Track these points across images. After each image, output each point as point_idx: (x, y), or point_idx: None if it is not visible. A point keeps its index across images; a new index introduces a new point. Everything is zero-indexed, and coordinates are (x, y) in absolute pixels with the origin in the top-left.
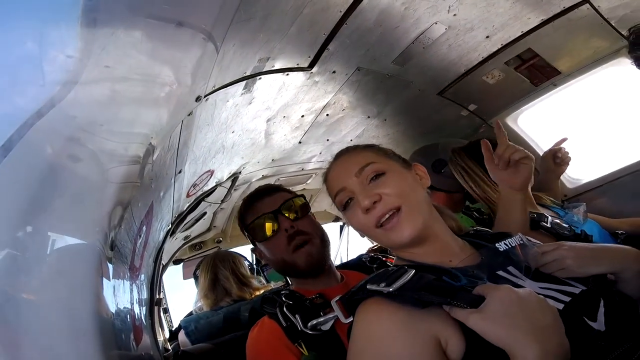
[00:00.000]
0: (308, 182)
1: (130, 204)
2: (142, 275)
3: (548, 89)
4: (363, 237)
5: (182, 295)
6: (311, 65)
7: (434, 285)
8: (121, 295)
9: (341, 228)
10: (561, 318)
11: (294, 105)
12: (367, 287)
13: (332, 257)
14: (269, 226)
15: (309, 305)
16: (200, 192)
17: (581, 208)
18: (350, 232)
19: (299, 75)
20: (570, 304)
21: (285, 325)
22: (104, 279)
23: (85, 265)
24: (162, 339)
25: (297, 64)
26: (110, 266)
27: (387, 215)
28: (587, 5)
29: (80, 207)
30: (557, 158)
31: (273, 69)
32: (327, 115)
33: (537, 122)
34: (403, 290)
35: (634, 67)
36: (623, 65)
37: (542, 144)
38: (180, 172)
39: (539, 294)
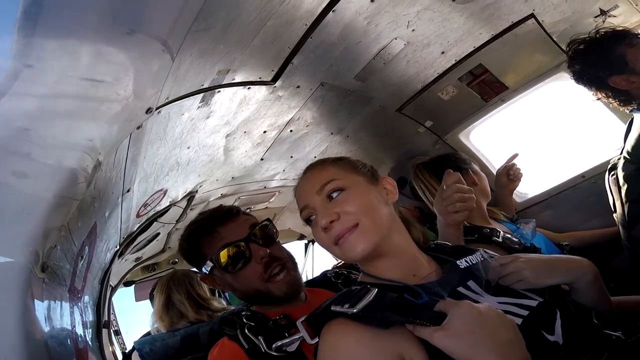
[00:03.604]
0: (271, 200)
1: (68, 224)
2: (86, 297)
3: (497, 105)
4: None
5: (138, 317)
6: (274, 79)
7: (397, 304)
8: (57, 317)
9: (306, 246)
10: (520, 333)
11: (255, 121)
12: (332, 308)
13: None
14: (238, 255)
15: (272, 326)
16: (152, 212)
17: (531, 224)
18: (316, 249)
19: (262, 90)
20: (528, 318)
21: (248, 347)
22: (35, 300)
23: (9, 285)
24: None
25: (260, 78)
26: (42, 287)
27: (345, 234)
28: (533, 20)
29: (4, 224)
30: (510, 174)
31: (233, 81)
32: (291, 131)
33: (488, 138)
34: (367, 311)
35: (573, 81)
36: (564, 80)
37: (492, 160)
38: (128, 190)
39: (498, 309)
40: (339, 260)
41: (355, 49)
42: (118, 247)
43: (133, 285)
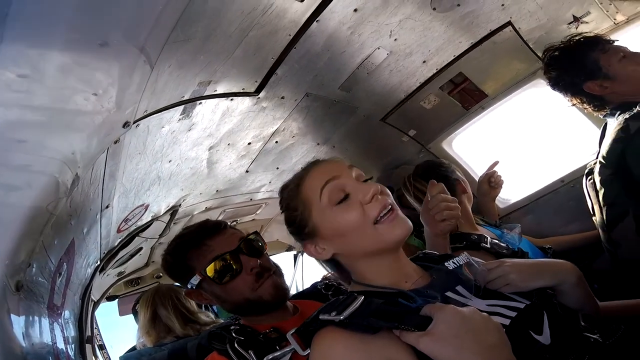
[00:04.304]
0: (258, 212)
1: (43, 241)
2: (66, 313)
3: (477, 112)
4: (325, 257)
5: (123, 331)
6: (258, 90)
7: (383, 310)
8: (36, 334)
9: (295, 257)
10: (508, 333)
11: (239, 132)
12: (320, 317)
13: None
14: (228, 267)
15: (262, 339)
16: (133, 227)
17: (517, 229)
18: (305, 260)
19: (245, 101)
20: (517, 319)
21: None
22: (12, 316)
23: None
24: None
25: (243, 89)
26: (18, 303)
27: (385, 210)
28: (510, 27)
29: None
30: (491, 182)
31: (215, 93)
32: (277, 142)
33: (470, 146)
34: (353, 317)
35: (549, 87)
36: (540, 86)
37: (475, 167)
38: (107, 207)
39: (486, 311)
40: (329, 271)
41: (340, 58)
42: (99, 263)
43: (116, 300)
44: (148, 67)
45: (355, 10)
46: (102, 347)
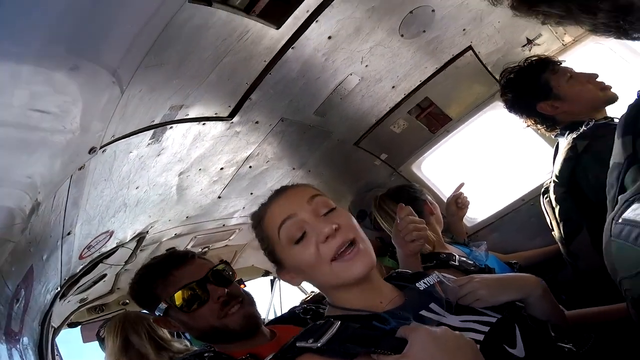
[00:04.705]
0: (231, 238)
1: (1, 268)
2: (25, 339)
3: (443, 135)
4: (297, 285)
5: (87, 358)
6: (232, 115)
7: (359, 335)
8: None
9: (272, 282)
10: (483, 348)
11: (211, 157)
12: (297, 344)
13: (265, 312)
14: (194, 294)
15: None
16: (97, 254)
17: (483, 246)
18: (282, 285)
19: (218, 125)
20: (490, 333)
21: None
22: None
23: None
24: None
25: (216, 113)
26: None
27: (343, 248)
28: (471, 51)
29: None
30: (458, 203)
31: (187, 117)
32: (250, 167)
33: (438, 168)
34: (330, 344)
35: (506, 109)
36: (499, 109)
37: (443, 189)
38: (69, 233)
39: (460, 327)
40: (308, 294)
41: (314, 84)
42: (59, 289)
43: (79, 327)
44: (118, 91)
45: (330, 37)
46: None
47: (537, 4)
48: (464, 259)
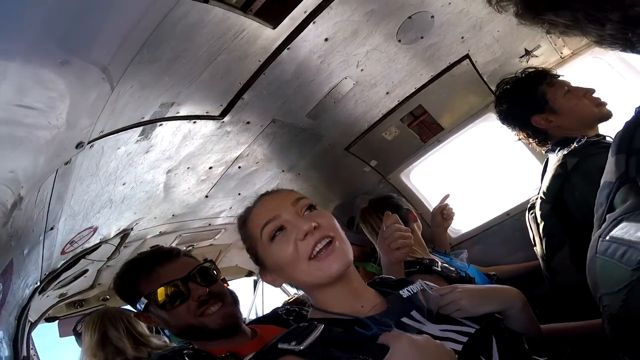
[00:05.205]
0: (216, 237)
1: None
2: (0, 333)
3: (434, 145)
4: (278, 286)
5: (63, 353)
6: (223, 114)
7: (342, 340)
8: None
9: (255, 282)
10: (460, 358)
11: (200, 156)
12: (279, 346)
13: (246, 313)
14: (175, 293)
15: None
16: (79, 250)
17: (463, 255)
18: (265, 286)
19: (208, 124)
20: (468, 344)
21: None
22: None
23: None
24: None
25: (207, 112)
26: None
27: (322, 244)
28: (467, 60)
29: None
30: (444, 214)
31: (177, 115)
32: (240, 167)
33: (426, 177)
34: (313, 347)
35: (499, 121)
36: (491, 120)
37: (430, 199)
38: (52, 228)
39: (439, 336)
40: (291, 296)
41: (308, 86)
42: (38, 284)
43: (57, 321)
44: (108, 88)
45: (326, 39)
46: None
47: (544, 12)
48: (446, 265)
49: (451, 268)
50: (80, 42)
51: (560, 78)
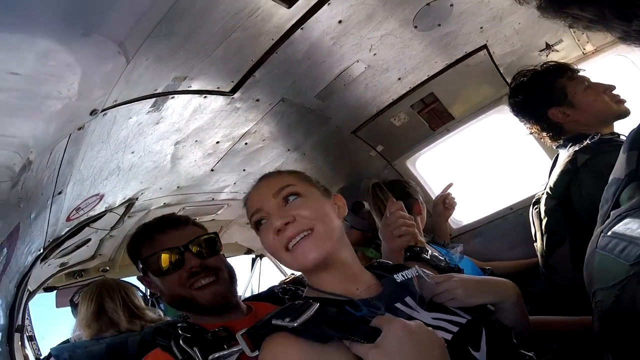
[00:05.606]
0: (219, 212)
1: None
2: None
3: (443, 134)
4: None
5: (58, 324)
6: (233, 91)
7: (335, 320)
8: None
9: (253, 260)
10: (449, 348)
11: (209, 130)
12: (273, 322)
13: (243, 290)
14: (169, 260)
15: (210, 338)
16: (84, 217)
17: (459, 248)
18: (263, 264)
19: (219, 99)
20: (458, 334)
21: (181, 358)
22: None
23: None
24: None
25: (218, 88)
26: None
27: (297, 238)
28: (485, 51)
29: None
30: (445, 203)
31: (189, 89)
32: (246, 144)
33: (431, 166)
34: (307, 325)
35: (512, 113)
36: (504, 112)
37: (434, 188)
38: (60, 193)
39: (431, 324)
40: (288, 276)
41: (319, 68)
42: (41, 251)
43: (55, 291)
44: (124, 61)
45: (340, 21)
46: (31, 339)
47: (569, 5)
48: (436, 254)
49: (440, 257)
50: (100, 14)
51: (581, 73)
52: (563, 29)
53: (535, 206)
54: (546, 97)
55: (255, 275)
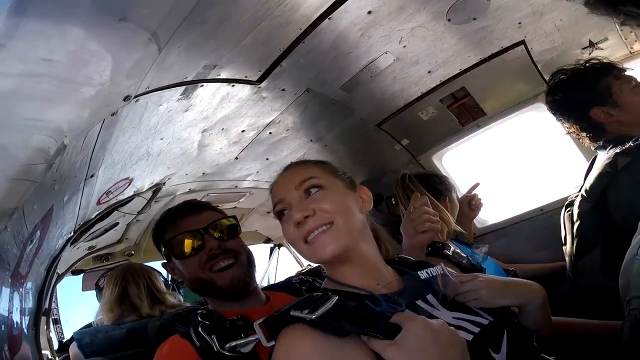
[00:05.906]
0: (241, 200)
1: (23, 205)
2: (29, 284)
3: (472, 130)
4: None
5: (82, 307)
6: (260, 80)
7: (354, 314)
8: None
9: (271, 250)
10: (469, 349)
11: (235, 119)
12: (291, 313)
13: (260, 279)
14: (190, 243)
15: (228, 326)
16: (114, 201)
17: (484, 248)
18: (281, 254)
19: (246, 88)
20: (479, 335)
21: (199, 345)
22: None
23: None
24: (49, 350)
25: (246, 77)
26: None
27: (316, 231)
28: (522, 47)
29: None
30: (471, 204)
31: (218, 77)
32: (270, 133)
33: (459, 162)
34: (325, 318)
35: (549, 112)
36: (540, 110)
37: (460, 185)
38: (92, 176)
39: (452, 324)
40: (305, 267)
41: (346, 58)
42: (72, 234)
43: (82, 274)
44: (155, 49)
45: (369, 12)
46: (56, 322)
47: (623, 2)
48: (458, 251)
49: (463, 254)
50: (131, 6)
51: (628, 72)
52: (609, 26)
53: (568, 208)
54: (589, 95)
55: (272, 264)
